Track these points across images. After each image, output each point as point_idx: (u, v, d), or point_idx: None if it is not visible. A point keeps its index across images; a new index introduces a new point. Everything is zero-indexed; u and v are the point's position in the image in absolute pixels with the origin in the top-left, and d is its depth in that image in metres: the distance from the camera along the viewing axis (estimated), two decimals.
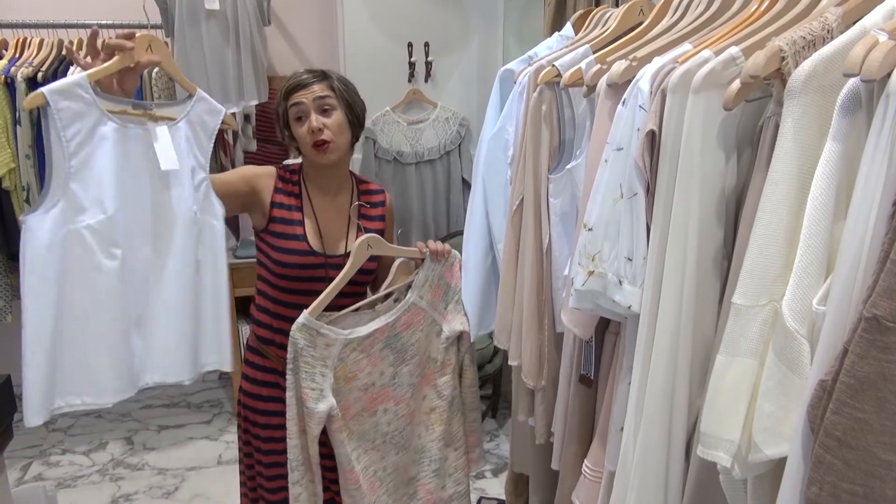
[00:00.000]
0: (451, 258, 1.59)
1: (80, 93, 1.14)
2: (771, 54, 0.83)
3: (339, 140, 1.56)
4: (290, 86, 1.54)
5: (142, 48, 1.22)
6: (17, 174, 2.61)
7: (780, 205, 0.81)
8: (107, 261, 1.19)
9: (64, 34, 2.72)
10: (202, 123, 1.31)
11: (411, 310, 1.54)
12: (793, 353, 0.78)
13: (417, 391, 1.57)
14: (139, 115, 1.23)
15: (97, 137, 1.16)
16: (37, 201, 1.12)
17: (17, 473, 2.75)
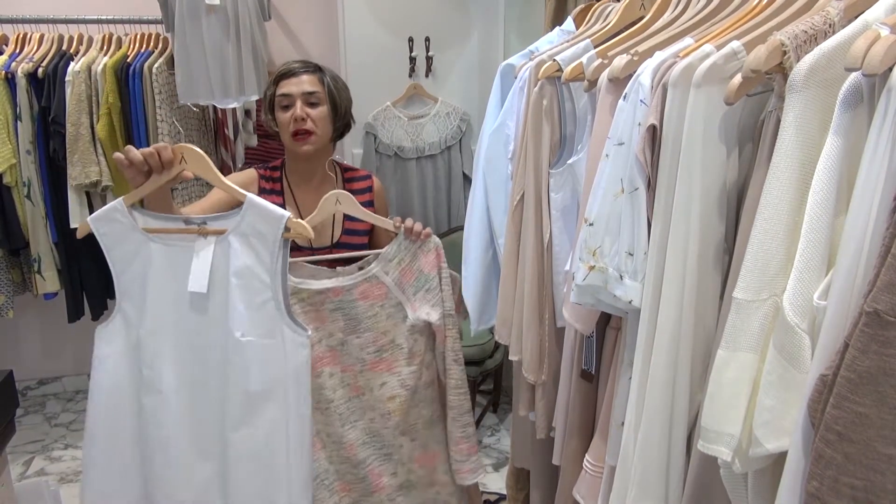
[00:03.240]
0: (429, 244, 1.50)
1: (118, 217, 1.15)
2: (773, 48, 0.83)
3: (320, 132, 1.58)
4: (281, 72, 1.57)
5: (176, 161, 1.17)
6: (18, 170, 2.61)
7: (782, 199, 0.81)
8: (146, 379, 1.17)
9: (64, 29, 2.71)
10: (258, 235, 1.14)
11: (371, 281, 1.49)
12: (793, 348, 0.78)
13: (370, 369, 1.52)
14: (189, 230, 1.16)
15: (141, 258, 1.16)
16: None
17: (19, 468, 2.76)
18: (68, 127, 2.53)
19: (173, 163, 1.16)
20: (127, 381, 1.18)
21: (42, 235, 2.71)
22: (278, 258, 1.15)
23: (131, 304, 1.18)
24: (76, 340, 3.31)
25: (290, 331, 1.17)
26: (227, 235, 1.16)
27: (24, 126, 2.58)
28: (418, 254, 1.50)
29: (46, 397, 3.35)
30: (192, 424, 1.18)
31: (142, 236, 1.17)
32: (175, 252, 1.17)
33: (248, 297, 1.15)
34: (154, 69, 2.58)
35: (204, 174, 1.18)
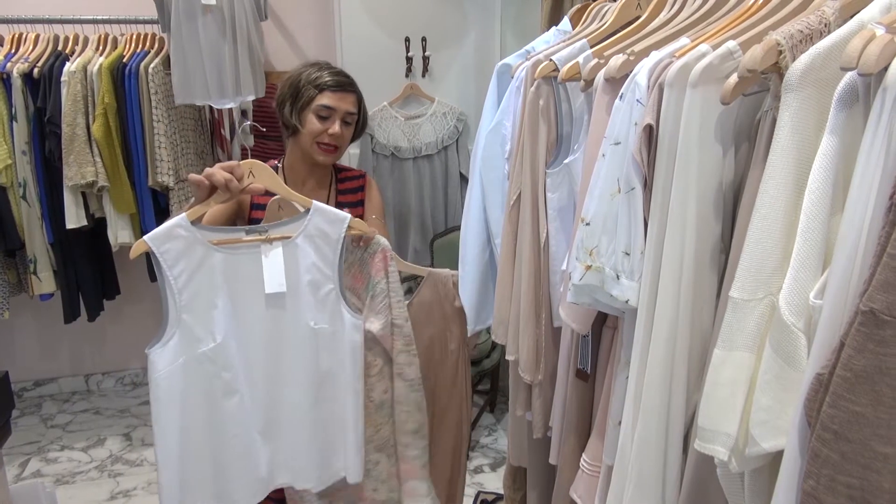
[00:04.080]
0: (373, 246, 1.38)
1: (181, 233, 1.19)
2: (768, 48, 0.83)
3: (343, 148, 1.63)
4: (328, 83, 1.55)
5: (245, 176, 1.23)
6: (13, 170, 2.60)
7: (778, 199, 0.81)
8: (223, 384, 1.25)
9: (60, 29, 2.71)
10: (323, 235, 1.28)
11: None
12: (790, 347, 0.78)
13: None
14: (253, 239, 1.24)
15: (205, 270, 1.21)
16: (157, 334, 1.21)
17: (15, 470, 2.75)
18: (64, 127, 2.52)
19: (243, 178, 1.23)
20: (197, 390, 1.24)
21: (38, 236, 2.70)
22: (339, 253, 1.29)
23: (195, 316, 1.22)
24: (72, 341, 3.30)
25: (349, 315, 1.31)
26: (295, 239, 1.27)
27: (20, 126, 2.57)
28: (365, 258, 1.39)
29: (42, 398, 3.34)
30: (266, 412, 1.30)
31: (207, 249, 1.21)
32: (242, 259, 1.24)
33: (315, 290, 1.29)
34: (150, 69, 2.57)
35: (271, 186, 1.27)
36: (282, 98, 1.61)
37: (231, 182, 1.20)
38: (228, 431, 1.28)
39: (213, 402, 1.26)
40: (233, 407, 1.27)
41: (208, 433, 1.27)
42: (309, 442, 1.34)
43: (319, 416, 1.33)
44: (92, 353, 3.35)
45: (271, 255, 1.25)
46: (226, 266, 1.23)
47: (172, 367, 1.21)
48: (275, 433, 1.32)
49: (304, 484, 1.37)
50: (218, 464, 1.29)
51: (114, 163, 2.59)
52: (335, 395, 1.32)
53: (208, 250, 1.21)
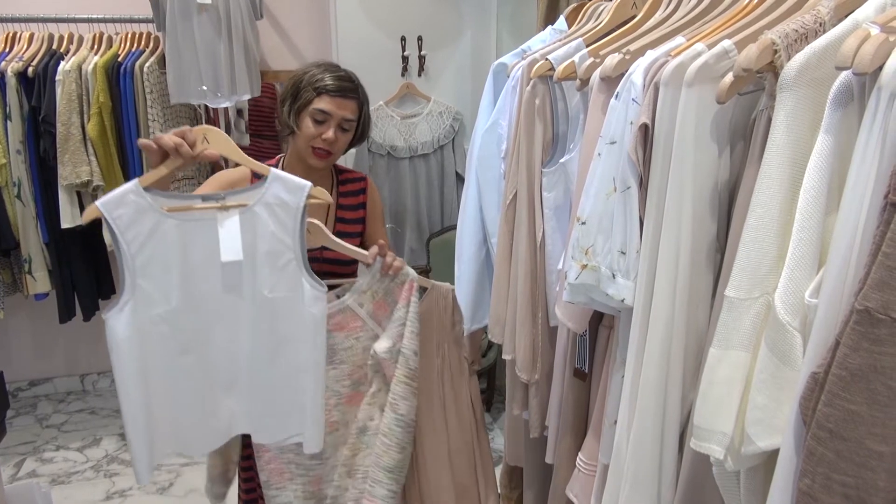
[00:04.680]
0: (402, 276, 1.42)
1: (133, 198, 1.18)
2: (763, 47, 0.84)
3: (337, 154, 1.59)
4: (327, 87, 1.51)
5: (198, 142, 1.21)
6: (8, 170, 2.59)
7: (773, 198, 0.81)
8: (178, 344, 1.26)
9: (55, 28, 2.70)
10: (282, 204, 1.26)
11: (345, 312, 1.43)
12: (785, 346, 0.78)
13: (347, 403, 1.46)
14: (208, 207, 1.23)
15: (159, 236, 1.21)
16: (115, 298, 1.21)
17: (10, 470, 2.74)
18: (59, 126, 2.51)
19: (196, 144, 1.21)
20: (155, 350, 1.25)
21: (33, 236, 2.69)
22: (299, 222, 1.27)
23: (151, 280, 1.22)
24: (68, 341, 3.29)
25: (309, 286, 1.30)
26: (253, 206, 1.25)
27: (14, 126, 2.56)
28: (392, 287, 1.43)
29: (38, 398, 3.33)
30: (220, 371, 1.31)
31: (159, 215, 1.20)
32: (195, 226, 1.23)
33: (273, 260, 1.27)
34: (145, 68, 2.57)
35: (226, 152, 1.25)
36: (283, 96, 1.59)
37: (181, 147, 1.18)
38: (185, 386, 1.29)
39: (171, 361, 1.27)
40: (188, 364, 1.28)
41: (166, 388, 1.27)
42: (266, 402, 1.34)
43: (276, 380, 1.32)
44: (87, 352, 3.34)
45: (227, 224, 1.23)
46: (180, 233, 1.22)
47: (130, 329, 1.21)
48: (234, 389, 1.33)
49: (262, 440, 1.39)
50: (177, 415, 1.30)
51: (109, 162, 2.58)
52: (292, 363, 1.31)
53: (161, 217, 1.20)
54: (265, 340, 1.30)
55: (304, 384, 1.32)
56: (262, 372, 1.32)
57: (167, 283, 1.23)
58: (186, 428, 1.32)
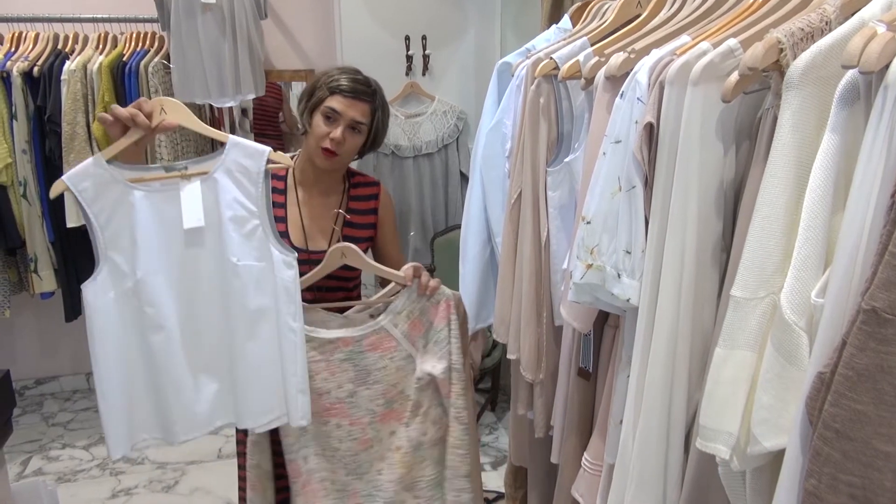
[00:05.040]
0: (438, 295, 1.44)
1: (98, 171, 1.19)
2: (769, 46, 0.83)
3: (346, 157, 1.58)
4: (340, 87, 1.52)
5: (156, 113, 1.22)
6: (13, 169, 2.60)
7: (779, 197, 0.81)
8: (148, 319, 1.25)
9: (60, 28, 2.71)
10: (243, 170, 1.26)
11: (380, 333, 1.45)
12: (791, 346, 0.78)
13: (379, 421, 1.48)
14: (171, 176, 1.24)
15: (125, 207, 1.21)
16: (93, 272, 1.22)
17: (17, 468, 2.75)
18: (64, 126, 2.52)
19: (153, 114, 1.22)
20: (129, 324, 1.25)
21: (38, 235, 2.70)
22: (262, 189, 1.27)
23: (119, 253, 1.23)
24: (73, 340, 3.30)
25: (278, 252, 1.29)
26: (213, 174, 1.25)
27: (20, 125, 2.57)
28: (428, 307, 1.45)
29: (44, 397, 3.34)
30: (197, 349, 1.29)
31: (124, 186, 1.21)
32: (160, 196, 1.24)
33: (238, 226, 1.26)
34: (150, 68, 2.57)
35: (184, 121, 1.26)
36: (301, 96, 1.60)
37: (137, 116, 1.20)
38: (160, 366, 1.27)
39: (144, 337, 1.26)
40: (162, 342, 1.26)
41: (142, 367, 1.27)
42: (248, 382, 1.32)
43: (254, 355, 1.30)
44: None
45: (188, 190, 1.24)
46: (146, 203, 1.23)
47: (103, 302, 1.22)
48: (213, 371, 1.31)
49: (245, 424, 1.35)
50: (158, 398, 1.29)
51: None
52: (270, 334, 1.30)
53: (126, 188, 1.21)
54: (239, 313, 1.29)
55: (285, 354, 1.31)
56: (240, 347, 1.30)
57: (134, 254, 1.23)
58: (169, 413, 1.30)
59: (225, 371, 1.32)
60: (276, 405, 1.33)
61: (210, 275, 1.27)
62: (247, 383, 1.32)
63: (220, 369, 1.31)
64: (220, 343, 1.30)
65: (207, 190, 1.25)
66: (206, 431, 1.34)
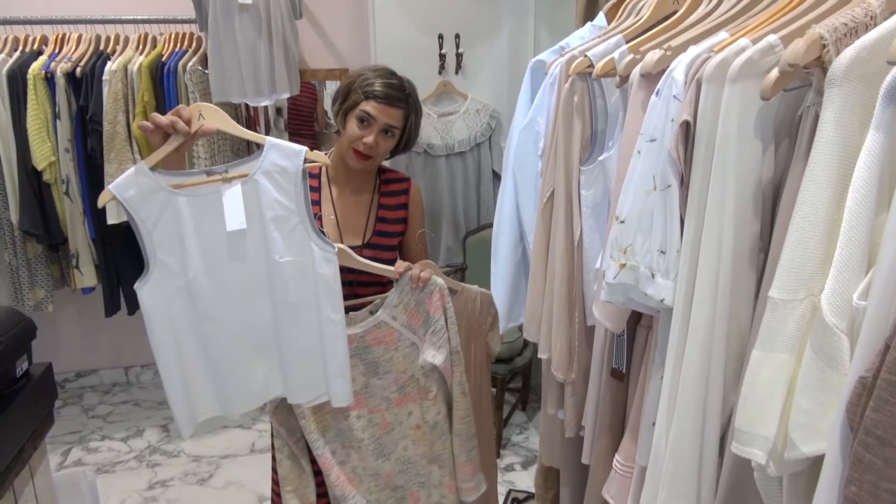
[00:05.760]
0: (431, 286, 1.49)
1: (141, 179, 1.24)
2: (811, 42, 0.81)
3: (378, 159, 1.60)
4: (375, 92, 1.53)
5: (194, 119, 1.26)
6: (57, 167, 2.67)
7: (820, 196, 0.79)
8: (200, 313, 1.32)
9: (101, 30, 2.77)
10: (281, 171, 1.30)
11: (381, 327, 1.51)
12: (832, 349, 0.76)
13: (396, 406, 1.56)
14: (212, 180, 1.28)
15: (170, 212, 1.26)
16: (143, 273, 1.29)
17: (58, 458, 2.83)
18: (105, 125, 2.58)
19: (192, 120, 1.26)
20: (182, 317, 1.32)
21: (80, 231, 2.77)
22: (301, 187, 1.31)
23: (169, 254, 1.29)
24: (113, 334, 3.38)
25: (318, 248, 1.34)
26: (253, 176, 1.29)
27: (63, 124, 2.64)
28: (422, 298, 1.50)
29: (84, 389, 3.43)
30: (247, 337, 1.36)
31: (167, 193, 1.26)
32: (203, 201, 1.28)
33: (280, 225, 1.31)
34: (188, 68, 2.62)
35: (223, 125, 1.29)
36: (335, 96, 1.63)
37: (177, 123, 1.23)
38: (216, 351, 1.35)
39: (198, 329, 1.33)
40: (214, 331, 1.33)
41: (199, 353, 1.34)
42: (294, 365, 1.39)
43: (298, 344, 1.37)
44: (131, 345, 3.43)
45: (229, 194, 1.27)
46: (190, 208, 1.27)
47: (156, 298, 1.28)
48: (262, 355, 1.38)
49: (295, 400, 1.44)
50: (214, 377, 1.37)
51: None
52: (312, 324, 1.36)
53: (169, 195, 1.25)
54: (283, 306, 1.35)
55: (325, 343, 1.37)
56: (286, 335, 1.36)
57: (184, 256, 1.28)
58: (225, 389, 1.39)
59: (273, 355, 1.39)
60: (319, 386, 1.41)
61: (255, 272, 1.33)
62: (292, 366, 1.39)
63: (268, 354, 1.39)
64: (267, 331, 1.37)
65: (248, 192, 1.29)
66: (262, 402, 1.43)
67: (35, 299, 2.81)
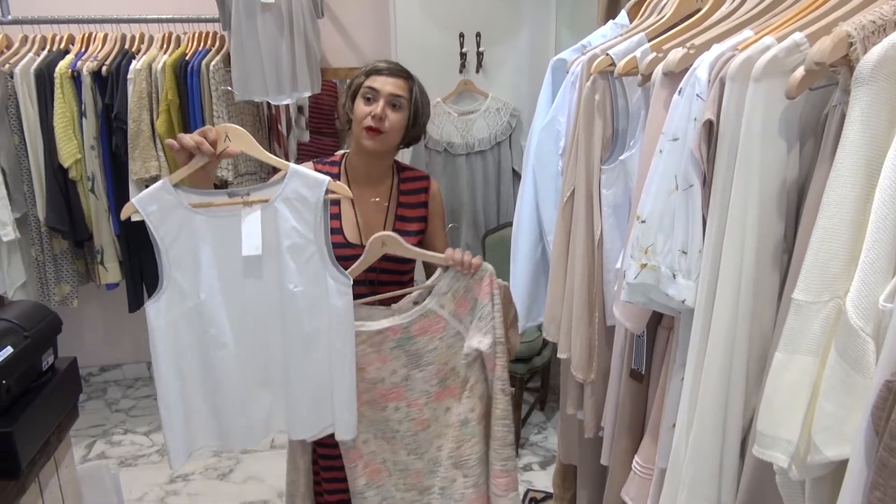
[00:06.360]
0: (481, 272, 1.47)
1: (164, 195, 1.25)
2: (838, 40, 0.80)
3: (392, 135, 1.57)
4: (377, 68, 1.57)
5: (220, 140, 1.26)
6: (83, 164, 2.71)
7: (846, 197, 0.78)
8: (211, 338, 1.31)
9: (127, 29, 2.81)
10: (301, 199, 1.28)
11: (428, 316, 1.48)
12: (857, 352, 0.75)
13: (435, 400, 1.53)
14: (233, 202, 1.28)
15: (188, 231, 1.27)
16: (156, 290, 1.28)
17: (82, 451, 2.87)
18: (130, 123, 2.62)
19: (217, 142, 1.26)
20: (189, 341, 1.31)
21: (105, 228, 2.81)
22: (320, 217, 1.29)
23: (183, 273, 1.28)
24: (136, 329, 3.43)
25: (333, 280, 1.32)
26: (273, 202, 1.28)
27: (89, 122, 2.68)
28: (472, 284, 1.48)
29: (108, 384, 3.48)
30: (255, 365, 1.35)
31: (187, 211, 1.26)
32: (222, 222, 1.28)
33: (296, 254, 1.29)
34: (211, 67, 2.64)
35: (247, 149, 1.29)
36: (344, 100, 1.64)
37: (202, 145, 1.24)
38: (221, 380, 1.33)
39: (205, 353, 1.31)
40: (223, 359, 1.32)
41: (203, 380, 1.33)
42: (300, 397, 1.37)
43: (307, 374, 1.35)
44: None
45: (249, 219, 1.27)
46: (208, 228, 1.27)
47: (166, 320, 1.27)
48: (268, 384, 1.37)
49: (297, 435, 1.42)
50: (215, 409, 1.35)
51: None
52: (322, 356, 1.34)
53: (189, 213, 1.26)
54: (294, 335, 1.33)
55: (334, 375, 1.35)
56: (294, 366, 1.35)
57: (197, 276, 1.28)
58: (225, 421, 1.36)
59: (279, 385, 1.37)
60: (325, 418, 1.39)
61: (268, 299, 1.32)
62: (299, 398, 1.37)
63: (274, 383, 1.37)
64: (276, 360, 1.35)
65: (267, 218, 1.28)
66: (262, 438, 1.41)
67: (61, 294, 2.86)
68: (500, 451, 1.52)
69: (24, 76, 2.60)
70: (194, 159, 1.26)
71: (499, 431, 1.51)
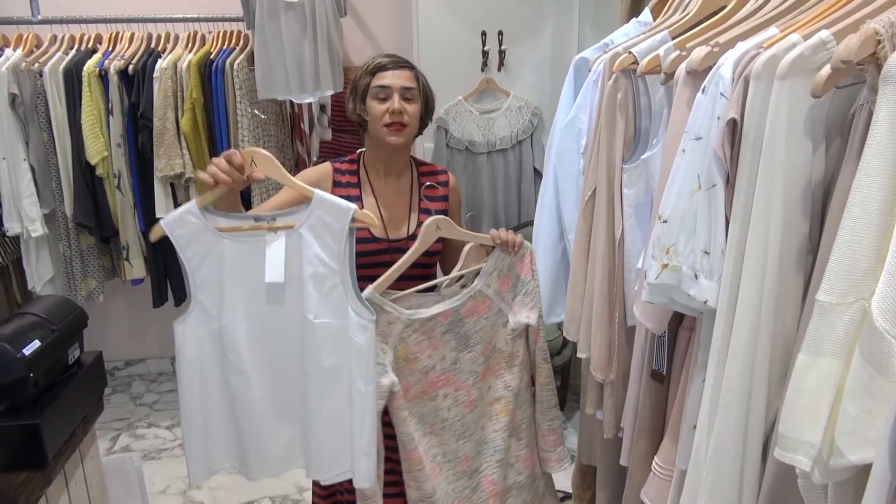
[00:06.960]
0: (523, 249, 1.55)
1: (191, 219, 1.25)
2: (865, 38, 0.79)
3: (412, 127, 1.60)
4: (379, 65, 1.57)
5: (246, 165, 1.26)
6: (109, 162, 2.76)
7: (872, 198, 0.77)
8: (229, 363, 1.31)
9: (153, 28, 2.85)
10: (326, 226, 1.26)
11: (477, 297, 1.52)
12: (882, 355, 0.74)
13: (481, 380, 1.57)
14: (259, 227, 1.27)
15: (214, 255, 1.27)
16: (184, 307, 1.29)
17: (106, 444, 2.92)
18: (155, 121, 2.65)
19: (245, 166, 1.26)
20: (213, 363, 1.31)
21: (130, 224, 2.85)
22: (345, 246, 1.27)
23: (208, 296, 1.28)
24: (160, 324, 3.48)
25: (355, 313, 1.29)
26: (298, 229, 1.27)
27: (115, 120, 2.72)
28: (514, 261, 1.55)
29: (132, 378, 3.54)
30: (274, 396, 1.33)
31: (214, 236, 1.26)
32: (247, 247, 1.27)
33: (319, 284, 1.27)
34: (235, 65, 2.67)
35: (273, 174, 1.28)
36: (346, 100, 1.65)
37: (231, 173, 1.24)
38: (239, 406, 1.32)
39: (227, 379, 1.31)
40: (240, 385, 1.31)
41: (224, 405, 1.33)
42: (319, 435, 1.33)
43: (326, 412, 1.32)
44: None
45: (273, 246, 1.26)
46: (233, 253, 1.27)
47: (191, 340, 1.28)
48: (288, 418, 1.35)
49: (314, 475, 1.40)
50: (235, 434, 1.35)
51: (200, 155, 2.71)
52: (342, 393, 1.31)
53: (216, 237, 1.25)
54: (314, 369, 1.30)
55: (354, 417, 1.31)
56: (313, 402, 1.32)
57: (221, 300, 1.28)
58: (245, 449, 1.35)
59: (299, 420, 1.35)
60: (343, 461, 1.34)
61: (288, 328, 1.30)
62: (319, 436, 1.34)
63: (294, 418, 1.35)
64: (295, 394, 1.33)
65: (292, 244, 1.27)
66: (281, 471, 1.38)
67: (87, 289, 2.90)
68: (546, 413, 1.64)
69: (53, 75, 2.65)
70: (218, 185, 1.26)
71: (543, 396, 1.63)
